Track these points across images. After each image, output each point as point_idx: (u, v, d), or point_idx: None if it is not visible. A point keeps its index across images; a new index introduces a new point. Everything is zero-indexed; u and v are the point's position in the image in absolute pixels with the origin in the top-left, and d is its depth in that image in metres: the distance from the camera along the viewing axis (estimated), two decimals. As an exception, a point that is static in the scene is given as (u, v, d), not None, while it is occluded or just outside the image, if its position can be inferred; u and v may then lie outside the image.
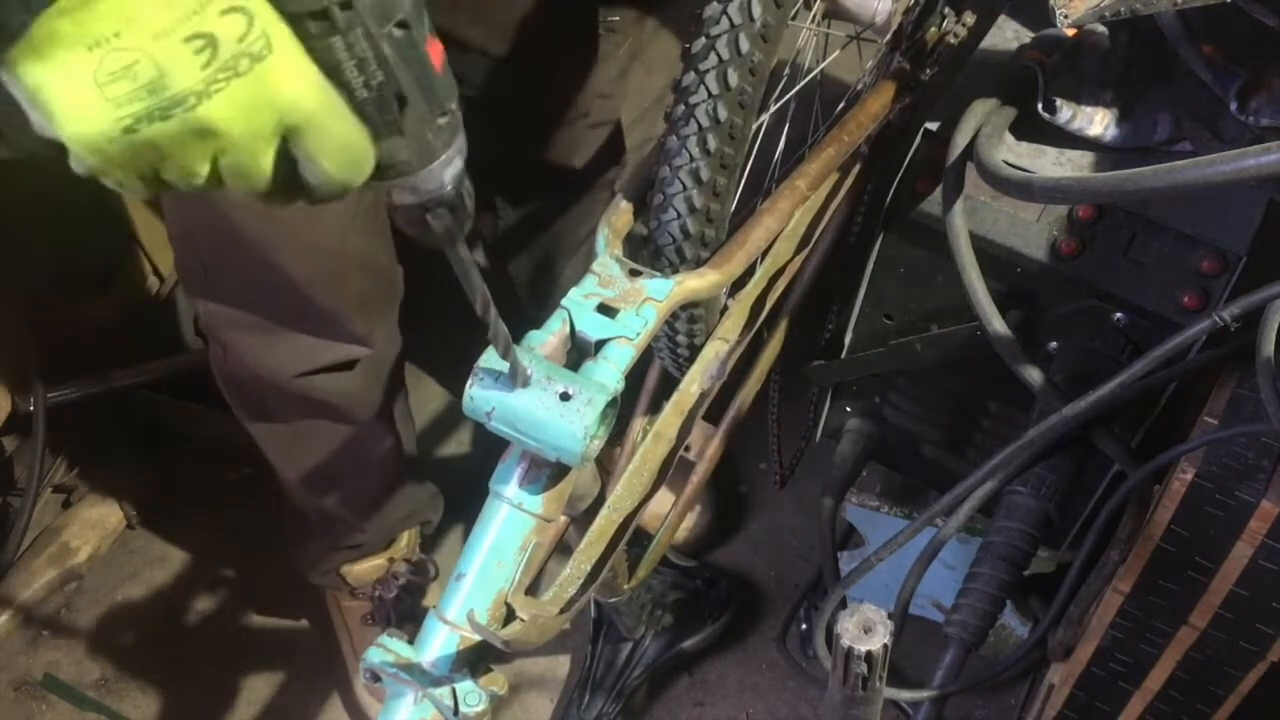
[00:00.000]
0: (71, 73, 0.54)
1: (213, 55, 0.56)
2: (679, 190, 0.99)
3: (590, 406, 0.80)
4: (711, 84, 0.96)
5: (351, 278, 1.38)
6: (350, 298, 1.40)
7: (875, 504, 1.61)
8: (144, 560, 1.96)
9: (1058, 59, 1.22)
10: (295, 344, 1.42)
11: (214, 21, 0.56)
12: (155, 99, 0.55)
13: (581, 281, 0.91)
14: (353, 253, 1.36)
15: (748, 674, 1.82)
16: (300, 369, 1.44)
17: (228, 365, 1.48)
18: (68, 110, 0.55)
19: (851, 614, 0.96)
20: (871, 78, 1.31)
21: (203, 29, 0.55)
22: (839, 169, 1.19)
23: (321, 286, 1.36)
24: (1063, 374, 1.22)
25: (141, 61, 0.55)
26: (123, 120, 0.56)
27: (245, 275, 1.35)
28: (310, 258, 1.32)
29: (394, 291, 1.48)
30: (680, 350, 1.14)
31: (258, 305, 1.39)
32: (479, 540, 0.86)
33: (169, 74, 0.55)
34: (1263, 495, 1.03)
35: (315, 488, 1.61)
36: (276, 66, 0.58)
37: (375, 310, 1.45)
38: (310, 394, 1.47)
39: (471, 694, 0.85)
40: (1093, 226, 1.20)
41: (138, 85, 0.55)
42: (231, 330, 1.43)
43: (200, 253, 1.38)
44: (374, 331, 1.45)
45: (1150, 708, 1.25)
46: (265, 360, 1.44)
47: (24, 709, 1.82)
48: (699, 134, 0.97)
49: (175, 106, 0.56)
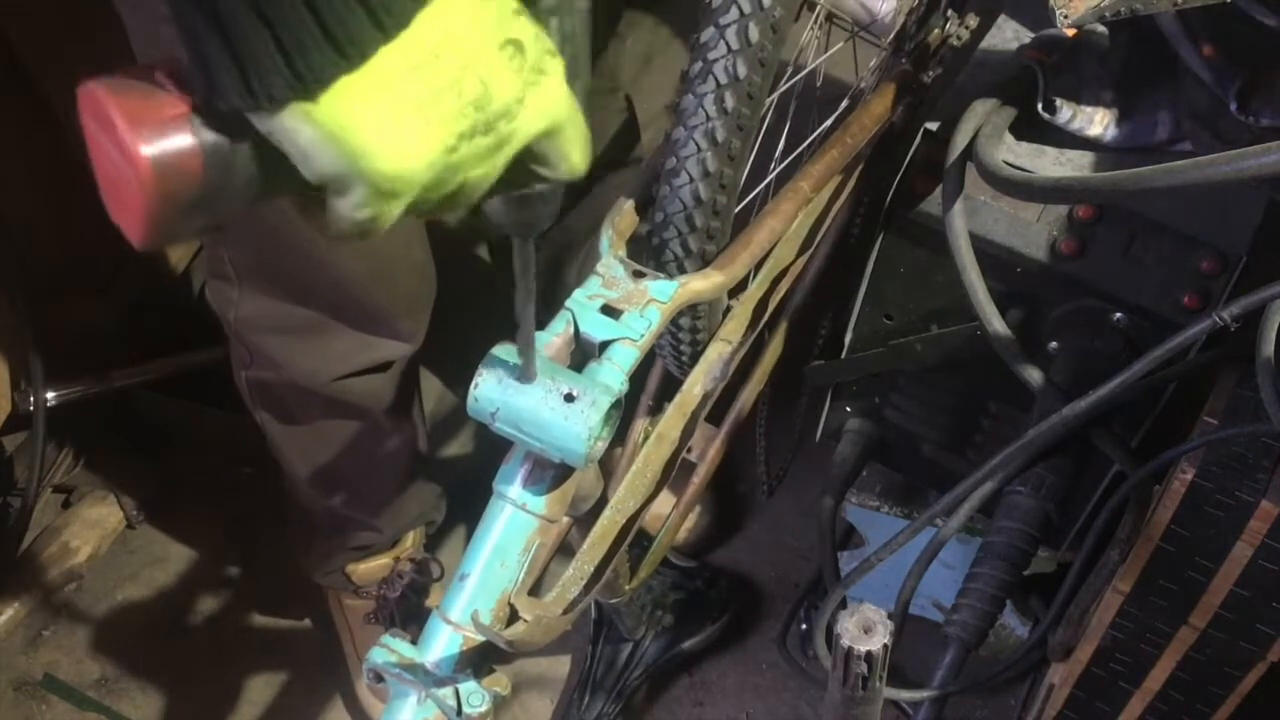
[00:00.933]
0: (395, 104, 0.50)
1: (523, 60, 0.53)
2: (686, 181, 0.99)
3: (594, 408, 0.80)
4: (720, 74, 0.96)
5: (404, 277, 1.38)
6: (400, 297, 1.39)
7: (875, 504, 1.61)
8: (144, 560, 1.96)
9: (1058, 59, 1.22)
10: (337, 344, 1.40)
11: (514, 23, 0.53)
12: (481, 115, 0.52)
13: (586, 282, 0.91)
14: (409, 254, 1.35)
15: (748, 674, 1.83)
16: (336, 373, 1.43)
17: (254, 369, 1.47)
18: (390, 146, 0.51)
19: (851, 614, 0.96)
20: (874, 80, 1.31)
21: (511, 34, 0.53)
22: (842, 171, 1.19)
23: (374, 286, 1.34)
24: (1063, 374, 1.22)
25: (467, 79, 0.51)
26: (448, 141, 0.52)
27: (289, 276, 1.33)
28: (368, 258, 1.31)
29: (433, 290, 1.47)
30: (683, 351, 1.14)
31: (301, 306, 1.37)
32: (482, 541, 0.86)
33: (493, 87, 0.52)
34: (1263, 495, 1.03)
35: (329, 487, 1.61)
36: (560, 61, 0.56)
37: (419, 309, 1.44)
38: (343, 397, 1.46)
39: (475, 695, 0.85)
40: (1093, 226, 1.20)
41: (463, 102, 0.52)
42: (266, 334, 1.41)
43: (235, 256, 1.35)
44: (418, 329, 1.45)
45: (1150, 708, 1.25)
46: (300, 364, 1.42)
47: (24, 709, 1.82)
48: (706, 124, 0.97)
49: (500, 120, 0.53)
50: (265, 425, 1.55)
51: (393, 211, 0.54)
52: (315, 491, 1.61)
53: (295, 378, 1.44)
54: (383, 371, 1.46)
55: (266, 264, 1.34)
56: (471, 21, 0.51)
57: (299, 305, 1.37)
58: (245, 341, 1.44)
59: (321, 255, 1.29)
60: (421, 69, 0.51)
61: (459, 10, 0.51)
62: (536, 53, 0.54)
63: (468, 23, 0.51)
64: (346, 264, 1.31)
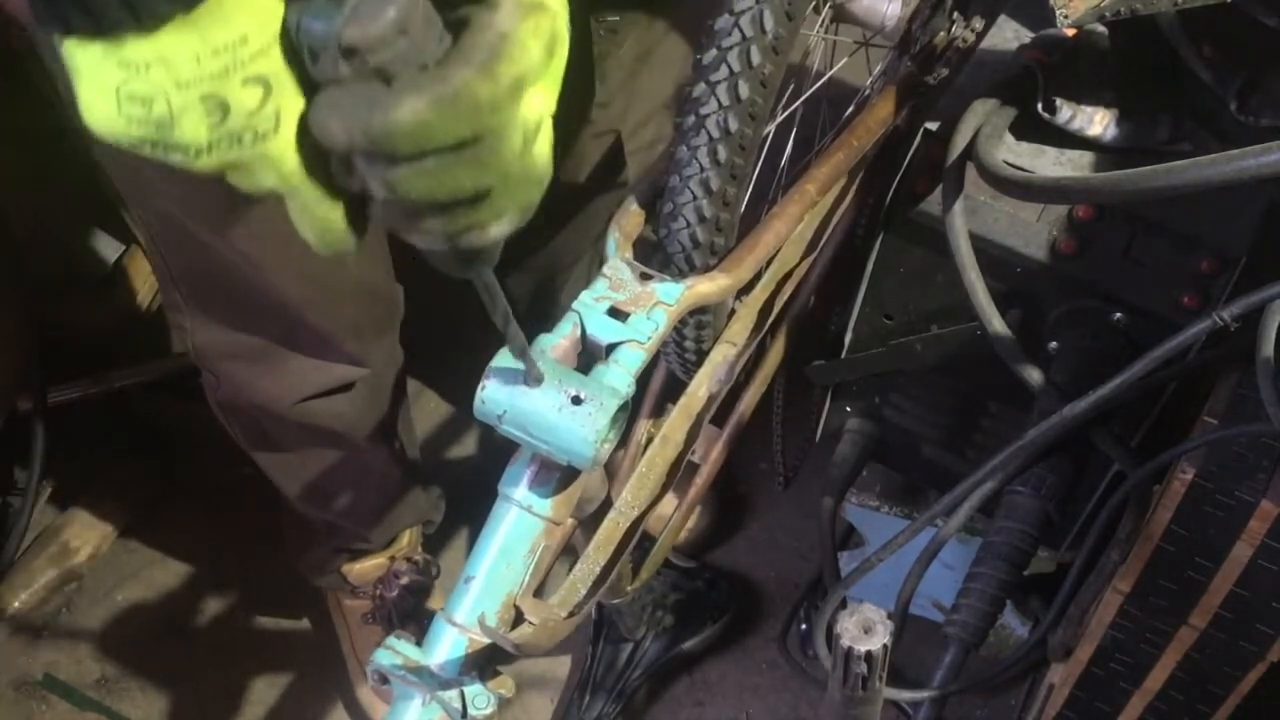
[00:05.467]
0: (101, 79, 0.55)
1: (222, 120, 0.56)
2: (689, 199, 1.00)
3: (601, 410, 0.80)
4: (723, 96, 0.97)
5: (345, 303, 1.36)
6: (344, 322, 1.38)
7: (875, 504, 1.61)
8: (144, 560, 1.96)
9: (1058, 59, 1.22)
10: (289, 368, 1.40)
11: (234, 90, 0.56)
12: (160, 136, 0.56)
13: (593, 284, 0.91)
14: (348, 278, 1.34)
15: (748, 674, 1.83)
16: (297, 395, 1.42)
17: (222, 394, 1.47)
18: (89, 103, 0.55)
19: (851, 614, 0.96)
20: (880, 83, 1.31)
21: (220, 93, 0.55)
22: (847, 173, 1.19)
23: (314, 311, 1.33)
24: (1063, 374, 1.22)
25: (158, 101, 0.55)
26: (130, 138, 0.56)
27: (233, 302, 1.33)
28: (303, 283, 1.30)
29: (392, 314, 1.46)
30: (688, 354, 1.14)
31: (247, 331, 1.37)
32: (488, 543, 0.86)
33: (179, 123, 0.56)
34: (1263, 495, 1.04)
35: (319, 504, 1.61)
36: (274, 148, 0.58)
37: (370, 334, 1.43)
38: (309, 420, 1.45)
39: (480, 696, 0.86)
40: (1093, 226, 1.20)
41: (149, 117, 0.55)
42: (223, 360, 1.42)
43: (181, 284, 1.35)
44: (369, 353, 1.43)
45: (1150, 708, 1.25)
46: (260, 388, 1.42)
47: (24, 709, 1.82)
48: (709, 145, 0.98)
49: (175, 151, 0.56)
50: (247, 450, 1.55)
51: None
52: (302, 506, 1.62)
53: (259, 401, 1.44)
54: (345, 392, 1.45)
55: (209, 290, 1.34)
56: (188, 60, 0.55)
57: (246, 331, 1.37)
58: (208, 368, 1.45)
59: (261, 282, 1.28)
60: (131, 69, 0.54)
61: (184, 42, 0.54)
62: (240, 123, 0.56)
63: (185, 60, 0.55)
64: (286, 290, 1.30)
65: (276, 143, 0.58)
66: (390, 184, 0.57)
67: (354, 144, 0.56)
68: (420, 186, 0.58)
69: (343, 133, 0.56)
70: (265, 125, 0.57)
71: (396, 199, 0.58)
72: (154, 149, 0.57)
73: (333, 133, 0.56)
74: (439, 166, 0.57)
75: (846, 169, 1.15)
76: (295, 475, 1.57)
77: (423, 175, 0.57)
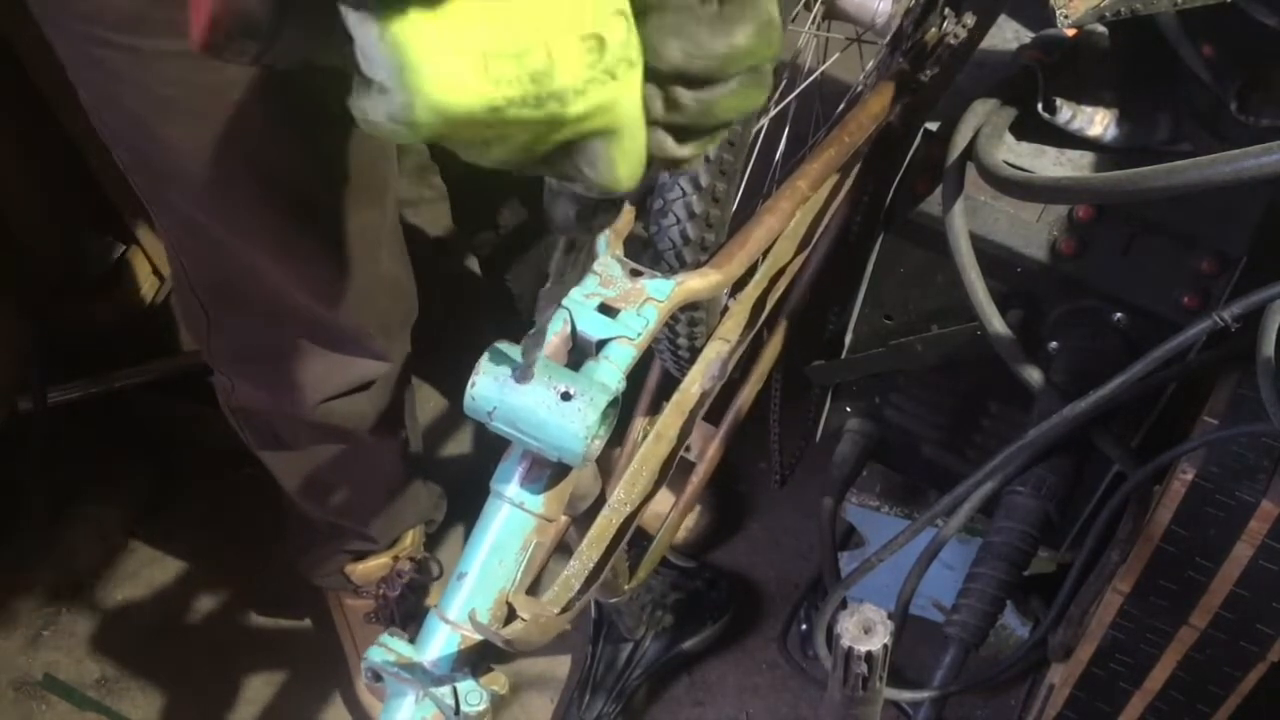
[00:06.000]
0: (460, 47, 0.52)
1: (599, 56, 0.55)
2: (678, 195, 1.00)
3: (591, 406, 0.80)
4: None
5: (379, 298, 1.36)
6: (376, 317, 1.38)
7: (875, 504, 1.61)
8: (144, 560, 1.96)
9: (1058, 59, 1.22)
10: (314, 368, 1.39)
11: (608, 21, 0.55)
12: (536, 88, 0.54)
13: (583, 281, 0.91)
14: (383, 274, 1.34)
15: (748, 674, 1.82)
16: (319, 396, 1.41)
17: (237, 399, 1.46)
18: (440, 78, 0.52)
19: (851, 614, 0.96)
20: (872, 79, 1.31)
21: (598, 29, 0.54)
22: (840, 169, 1.19)
23: (348, 307, 1.32)
24: (1063, 374, 1.22)
25: (535, 50, 0.53)
26: (495, 101, 0.53)
27: (261, 305, 1.32)
28: (340, 277, 1.29)
29: (413, 308, 1.46)
30: (681, 351, 1.14)
31: (270, 334, 1.36)
32: (480, 540, 0.86)
33: (558, 67, 0.54)
34: (1263, 495, 1.03)
35: (321, 503, 1.61)
36: (637, 77, 0.57)
37: (396, 328, 1.43)
38: (329, 421, 1.45)
39: (473, 693, 0.85)
40: (1093, 226, 1.20)
41: (522, 72, 0.53)
42: (243, 364, 1.41)
43: (199, 286, 1.33)
44: (393, 348, 1.44)
45: (1150, 708, 1.25)
46: (283, 390, 1.41)
47: (24, 709, 1.82)
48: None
49: (551, 100, 0.54)
50: (253, 450, 1.54)
51: (415, 134, 0.55)
52: (308, 506, 1.61)
53: (280, 404, 1.43)
54: (364, 390, 1.44)
55: (230, 289, 1.32)
56: (563, 2, 0.53)
57: (270, 329, 1.35)
58: (225, 373, 1.44)
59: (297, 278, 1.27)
60: (499, 25, 0.52)
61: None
62: (616, 55, 0.55)
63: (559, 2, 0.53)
64: (321, 286, 1.29)
65: (638, 72, 0.57)
66: (706, 104, 0.60)
67: (690, 66, 0.58)
68: (731, 106, 0.61)
69: (681, 55, 0.57)
70: (634, 53, 0.56)
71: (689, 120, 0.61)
72: (520, 108, 0.54)
73: (671, 55, 0.57)
74: (742, 85, 0.60)
75: (838, 165, 1.15)
76: (303, 474, 1.57)
77: (733, 95, 0.60)
